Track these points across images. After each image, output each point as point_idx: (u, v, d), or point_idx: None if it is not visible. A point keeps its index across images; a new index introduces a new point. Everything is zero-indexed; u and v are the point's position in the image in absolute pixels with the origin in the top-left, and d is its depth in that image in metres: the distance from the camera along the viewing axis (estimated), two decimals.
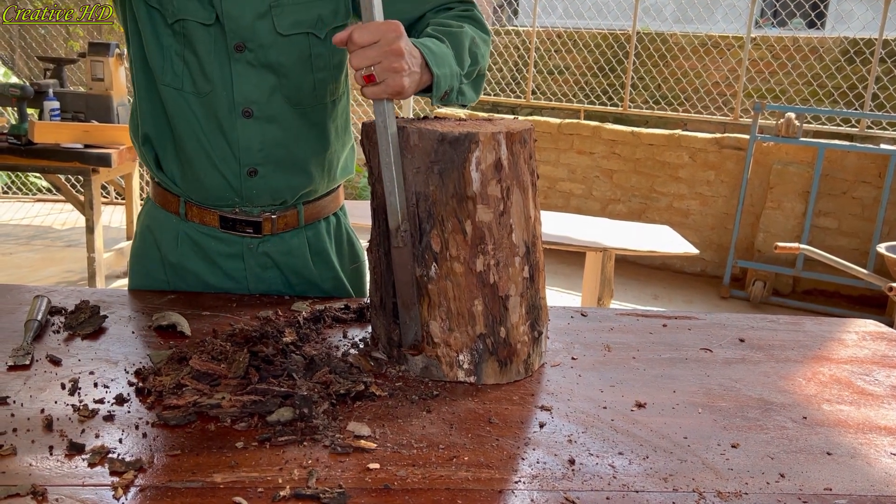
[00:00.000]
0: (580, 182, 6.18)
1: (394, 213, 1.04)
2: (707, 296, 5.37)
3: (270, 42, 1.24)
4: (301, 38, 1.26)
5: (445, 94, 1.18)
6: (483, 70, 1.30)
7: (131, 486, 0.77)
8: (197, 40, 1.23)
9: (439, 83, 1.14)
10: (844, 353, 1.29)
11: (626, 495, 0.81)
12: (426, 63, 1.10)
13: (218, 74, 1.25)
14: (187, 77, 1.25)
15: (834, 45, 6.54)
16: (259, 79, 1.26)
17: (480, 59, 1.27)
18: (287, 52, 1.26)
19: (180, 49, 1.24)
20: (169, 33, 1.24)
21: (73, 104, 4.37)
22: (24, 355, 1.06)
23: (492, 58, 7.50)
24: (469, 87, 1.26)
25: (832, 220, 5.28)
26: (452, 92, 1.19)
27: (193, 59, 1.24)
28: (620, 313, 1.41)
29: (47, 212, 6.71)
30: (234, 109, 1.26)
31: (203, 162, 1.29)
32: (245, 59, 1.24)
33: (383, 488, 0.79)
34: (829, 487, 0.85)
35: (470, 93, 1.27)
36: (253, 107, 1.27)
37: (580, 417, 0.98)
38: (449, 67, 1.16)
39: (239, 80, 1.25)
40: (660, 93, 7.27)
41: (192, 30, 1.23)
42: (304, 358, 1.06)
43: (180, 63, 1.25)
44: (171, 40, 1.24)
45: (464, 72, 1.21)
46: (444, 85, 1.15)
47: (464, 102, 1.26)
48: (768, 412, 1.03)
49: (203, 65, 1.24)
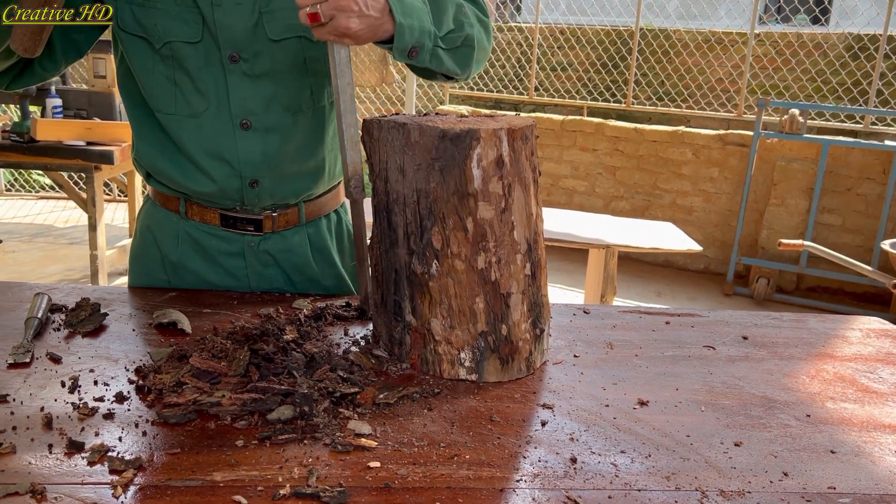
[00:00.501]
0: (583, 179, 6.17)
1: (346, 165, 1.08)
2: (710, 293, 5.36)
3: (263, 49, 1.23)
4: (293, 42, 1.25)
5: (414, 53, 1.12)
6: (471, 41, 1.23)
7: (131, 484, 0.77)
8: (186, 59, 1.22)
9: (402, 34, 1.08)
10: (848, 350, 1.28)
11: (628, 494, 0.80)
12: (390, 10, 1.06)
13: (212, 90, 1.24)
14: (181, 100, 1.25)
15: (838, 40, 6.51)
16: (255, 89, 1.25)
17: (468, 27, 1.21)
18: (280, 58, 1.25)
19: (171, 73, 1.24)
20: (158, 59, 1.23)
21: (75, 101, 4.37)
22: (25, 353, 1.05)
23: (494, 54, 7.49)
24: (448, 55, 1.19)
25: (836, 217, 5.27)
26: (423, 52, 1.13)
27: (185, 79, 1.23)
28: (623, 311, 1.41)
29: (50, 209, 6.72)
30: (231, 122, 1.25)
31: (203, 179, 1.29)
32: (240, 70, 1.23)
33: (384, 487, 0.79)
34: (833, 486, 0.85)
35: (449, 62, 1.20)
36: (251, 118, 1.26)
37: (582, 415, 0.98)
38: (418, 21, 1.10)
39: (235, 91, 1.24)
40: (663, 89, 7.25)
41: (179, 50, 1.22)
42: (305, 356, 1.06)
43: (173, 88, 1.24)
44: (161, 66, 1.23)
45: (441, 34, 1.16)
46: (409, 38, 1.10)
47: (441, 70, 1.20)
48: (772, 410, 1.03)
49: (196, 83, 1.23)
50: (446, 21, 1.17)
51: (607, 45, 7.14)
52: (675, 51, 6.90)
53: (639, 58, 6.73)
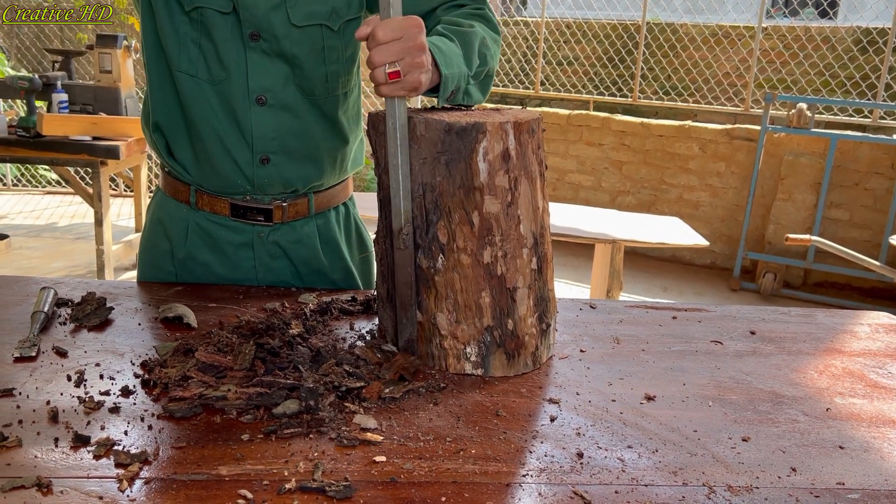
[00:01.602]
0: (589, 174, 6.15)
1: (398, 214, 1.04)
2: (717, 288, 5.34)
3: (284, 33, 1.25)
4: (315, 29, 1.26)
5: (452, 94, 1.16)
6: (492, 71, 1.28)
7: (136, 478, 0.77)
8: (214, 27, 1.24)
9: (447, 83, 1.12)
10: (857, 345, 1.27)
11: (634, 489, 0.80)
12: (435, 62, 1.09)
13: (233, 62, 1.25)
14: (202, 64, 1.26)
15: (847, 34, 6.47)
16: (273, 68, 1.27)
17: (489, 59, 1.25)
18: (300, 43, 1.26)
19: (196, 36, 1.25)
20: (186, 20, 1.24)
21: (81, 96, 4.37)
22: (31, 347, 1.05)
23: (499, 48, 7.47)
24: (476, 88, 1.25)
25: (844, 212, 5.24)
26: (459, 92, 1.18)
27: (210, 46, 1.25)
28: (630, 305, 1.40)
29: (56, 204, 6.74)
30: (248, 97, 1.27)
31: (216, 148, 1.29)
32: (260, 48, 1.25)
33: (390, 481, 0.79)
34: (842, 482, 0.84)
35: (476, 93, 1.25)
36: (267, 95, 1.27)
37: (589, 410, 0.97)
38: (458, 67, 1.15)
39: (254, 67, 1.26)
40: (670, 83, 7.21)
41: (209, 17, 1.23)
42: (311, 350, 1.05)
43: (196, 50, 1.25)
44: (188, 27, 1.25)
45: (472, 72, 1.20)
46: (452, 85, 1.14)
47: (469, 103, 1.24)
48: (780, 405, 1.02)
49: (219, 52, 1.25)
50: (474, 59, 1.20)
51: (614, 40, 7.10)
52: (682, 45, 6.87)
53: (645, 52, 6.70)
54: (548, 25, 7.24)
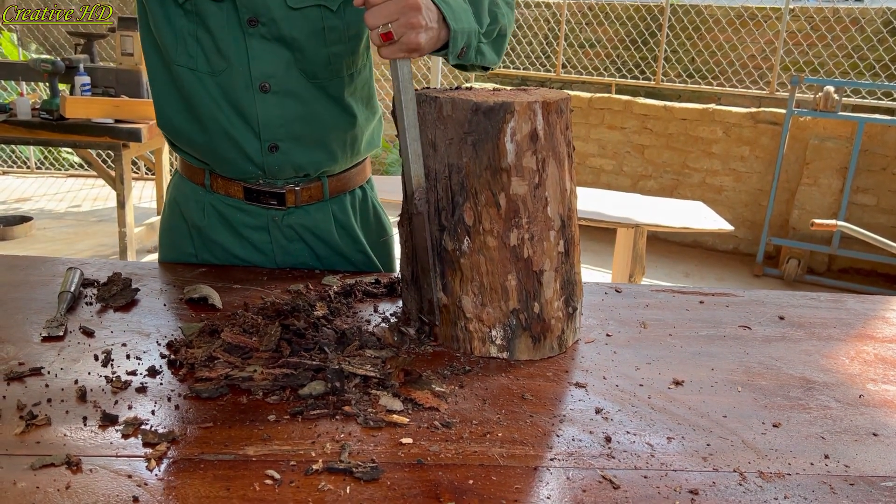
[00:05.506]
0: (611, 157, 6.09)
1: (410, 178, 1.03)
2: (740, 274, 5.29)
3: (282, 16, 1.22)
4: (313, 10, 1.24)
5: (463, 52, 1.13)
6: (505, 30, 1.24)
7: (164, 457, 0.77)
8: (209, 17, 1.22)
9: (456, 39, 1.09)
10: (889, 331, 1.24)
11: (665, 475, 0.79)
12: (443, 18, 1.06)
13: (233, 50, 1.23)
14: (201, 57, 1.24)
15: (876, 15, 6.33)
16: (274, 53, 1.24)
17: (501, 17, 1.22)
18: (299, 25, 1.23)
19: (193, 28, 1.23)
20: (180, 13, 1.22)
21: (103, 79, 4.40)
22: (58, 326, 1.06)
23: (521, 31, 7.40)
24: (489, 48, 1.21)
25: (871, 197, 5.15)
26: (470, 50, 1.15)
27: (207, 37, 1.23)
28: (656, 290, 1.38)
29: (79, 187, 6.80)
30: (251, 85, 1.25)
31: (223, 140, 1.28)
32: (259, 34, 1.23)
33: (416, 463, 0.78)
34: (877, 469, 0.82)
35: (490, 53, 1.22)
36: (270, 81, 1.25)
37: (616, 395, 0.96)
38: (467, 23, 1.12)
39: (255, 54, 1.23)
40: (693, 66, 7.10)
41: (204, 7, 1.21)
42: (336, 332, 1.05)
43: (194, 43, 1.24)
44: (184, 20, 1.23)
45: (483, 30, 1.17)
46: (461, 41, 1.11)
47: (484, 63, 1.21)
48: (811, 391, 1.00)
49: (217, 42, 1.23)
50: (484, 16, 1.18)
51: (636, 21, 7.01)
52: (707, 26, 6.75)
53: (669, 34, 6.60)
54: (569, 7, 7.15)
